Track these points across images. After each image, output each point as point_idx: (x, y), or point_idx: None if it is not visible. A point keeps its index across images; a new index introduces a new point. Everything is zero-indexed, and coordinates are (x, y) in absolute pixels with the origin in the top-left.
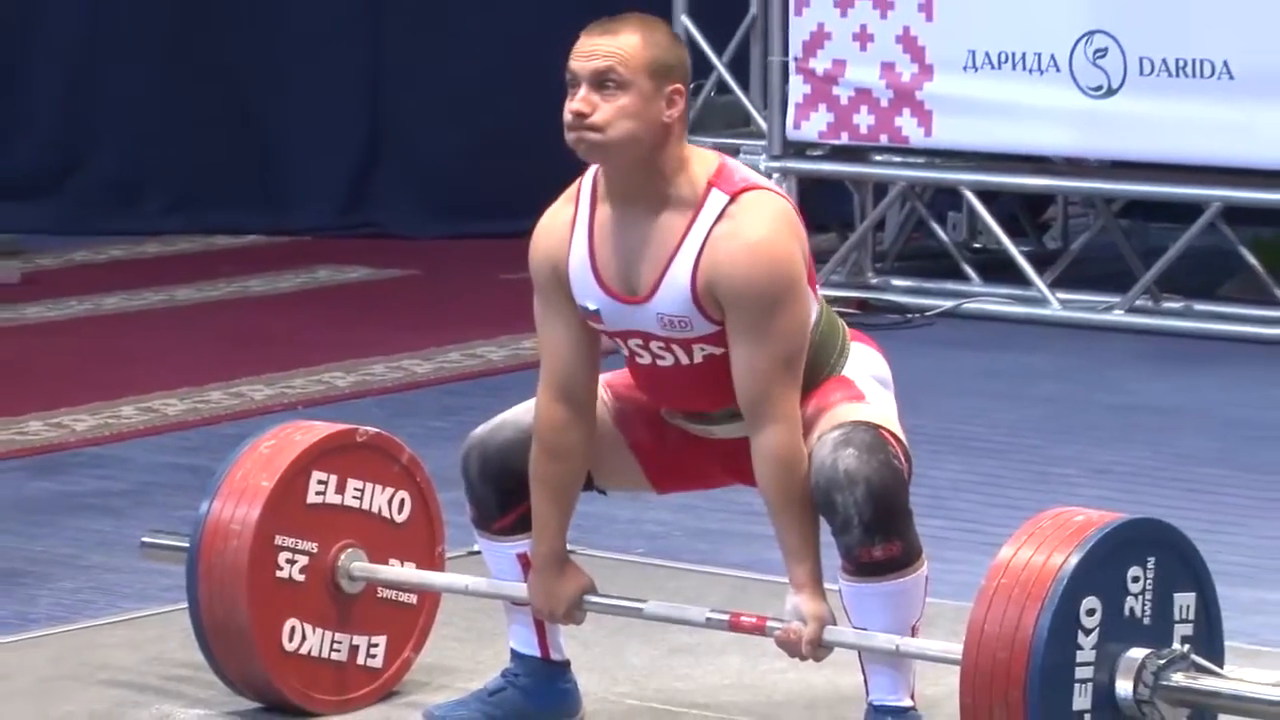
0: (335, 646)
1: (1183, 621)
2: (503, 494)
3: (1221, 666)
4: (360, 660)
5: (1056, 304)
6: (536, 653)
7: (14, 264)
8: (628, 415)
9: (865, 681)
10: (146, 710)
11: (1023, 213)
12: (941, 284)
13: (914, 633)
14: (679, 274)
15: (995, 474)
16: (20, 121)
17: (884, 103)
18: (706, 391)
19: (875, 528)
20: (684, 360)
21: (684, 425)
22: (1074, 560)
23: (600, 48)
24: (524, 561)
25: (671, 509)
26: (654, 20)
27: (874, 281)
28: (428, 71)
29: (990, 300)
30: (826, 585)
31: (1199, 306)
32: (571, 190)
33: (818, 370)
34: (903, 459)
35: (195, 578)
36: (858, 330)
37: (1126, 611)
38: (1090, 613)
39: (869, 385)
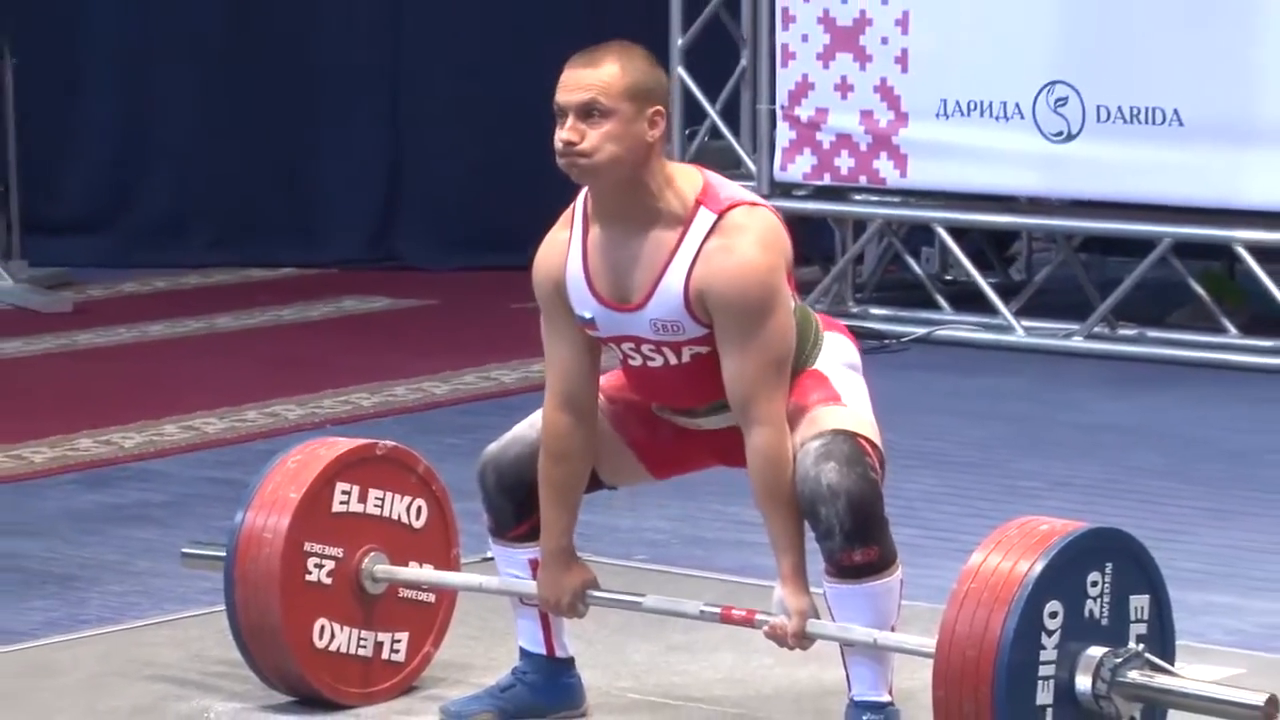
0: (361, 643)
1: (1137, 621)
2: (517, 505)
3: (1173, 664)
4: (385, 655)
5: (1021, 331)
6: (543, 651)
7: (67, 295)
8: (622, 416)
9: (847, 677)
10: (187, 704)
11: (990, 247)
12: (916, 313)
13: (892, 631)
14: (672, 284)
15: (966, 486)
16: (74, 165)
17: (863, 147)
18: (693, 388)
19: (855, 535)
20: (673, 360)
21: (673, 419)
22: (1039, 567)
23: (583, 79)
24: (534, 566)
25: (669, 519)
26: (632, 47)
27: (854, 310)
28: (446, 118)
29: (960, 328)
30: (813, 590)
31: (1152, 333)
32: (566, 215)
33: (795, 361)
34: (878, 466)
35: (232, 582)
36: (828, 316)
37: (1086, 613)
38: (1053, 615)
39: (841, 377)
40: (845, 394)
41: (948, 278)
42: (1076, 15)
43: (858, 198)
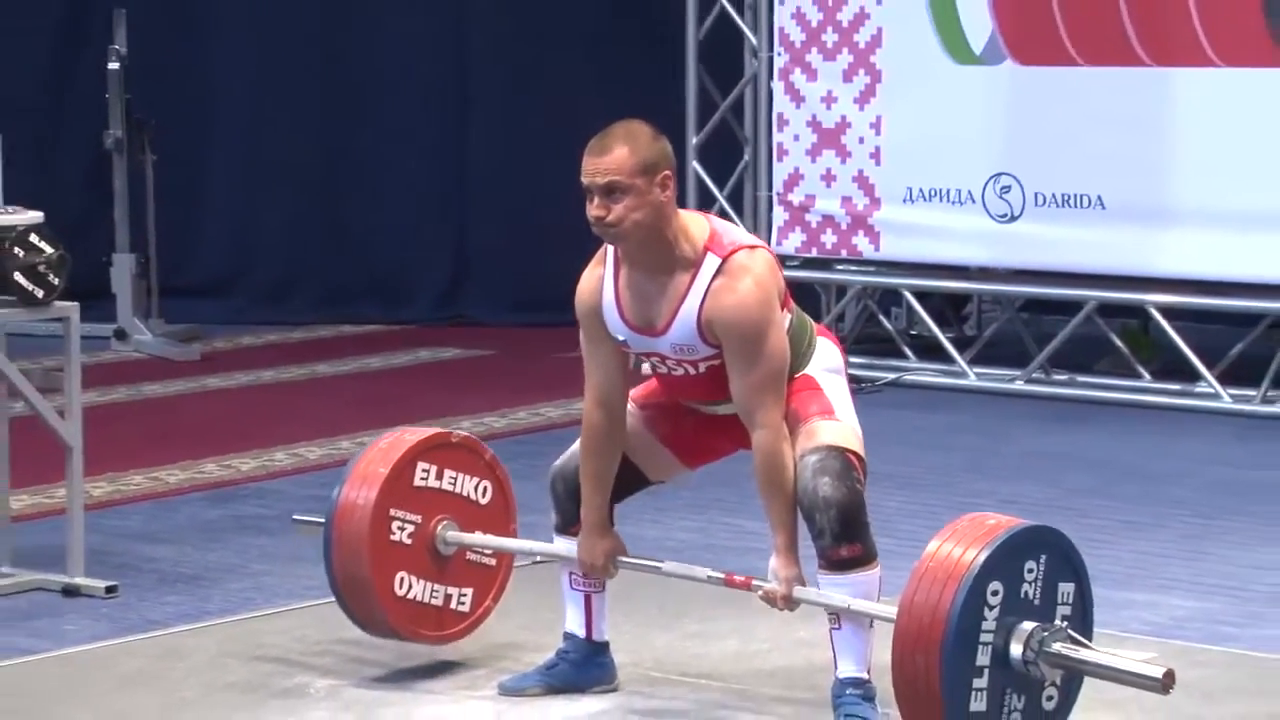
0: (434, 594)
1: (1063, 604)
2: (578, 505)
3: (1090, 639)
4: (453, 605)
5: (973, 376)
6: (584, 634)
7: (196, 346)
8: (652, 418)
9: (834, 658)
10: (292, 680)
11: (948, 308)
12: (887, 361)
13: (872, 619)
14: (687, 315)
15: (930, 503)
16: (202, 242)
17: (844, 226)
18: (710, 389)
19: (842, 535)
20: (692, 372)
21: (696, 408)
22: (984, 554)
23: (600, 165)
24: None
25: (688, 530)
26: (635, 127)
27: None
28: (501, 203)
29: (924, 374)
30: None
31: (1080, 378)
32: (600, 254)
33: (793, 362)
34: (862, 476)
35: (330, 543)
36: (821, 325)
37: (1022, 594)
38: (994, 593)
39: (831, 385)
40: (837, 405)
41: (913, 333)
42: (1017, 120)
43: (840, 267)
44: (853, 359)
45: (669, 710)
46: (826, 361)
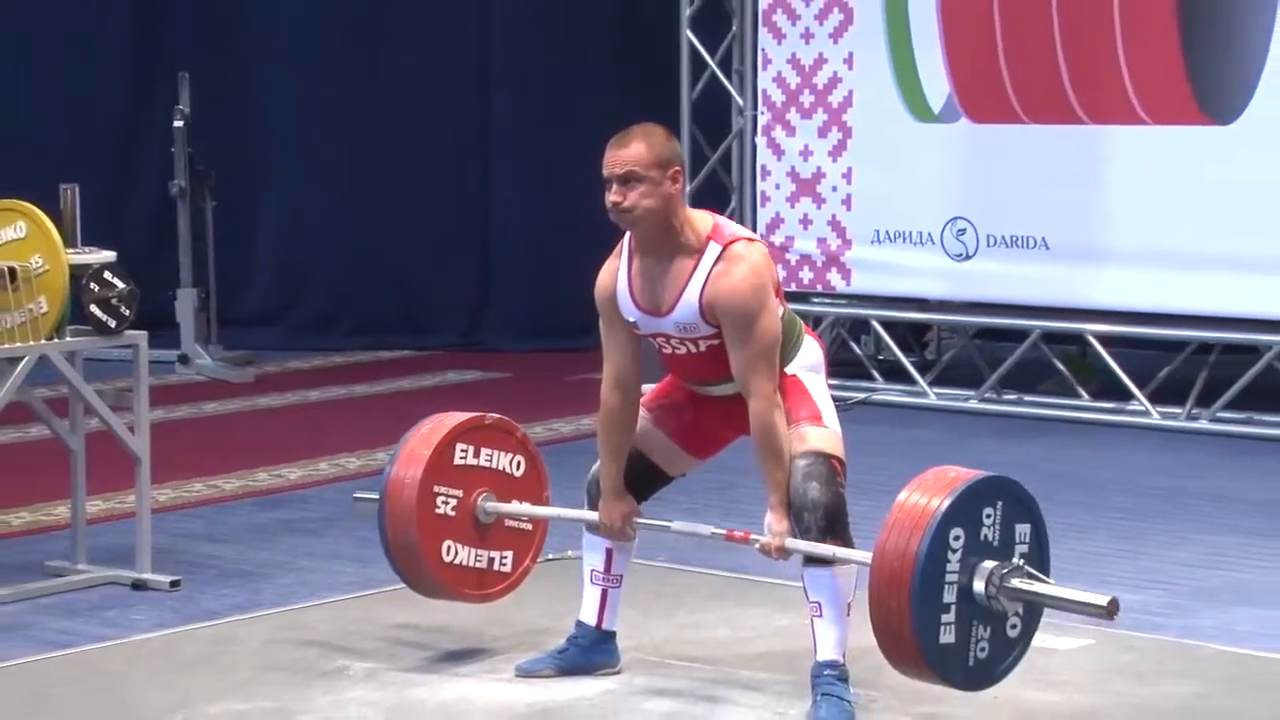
0: (478, 558)
1: (1021, 544)
2: None
3: (1047, 574)
4: (495, 567)
5: (933, 396)
6: (594, 623)
7: (249, 370)
8: (660, 417)
9: (814, 643)
10: (333, 663)
11: (911, 336)
12: (858, 383)
13: (849, 609)
14: (690, 297)
15: None
16: (256, 277)
17: (819, 264)
18: (710, 367)
19: (826, 531)
20: (694, 350)
21: (699, 389)
22: (946, 503)
23: (620, 157)
24: (609, 553)
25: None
26: (652, 128)
27: None
28: (519, 241)
29: (890, 394)
30: (795, 583)
31: (1027, 398)
32: (617, 248)
33: (783, 351)
34: (843, 478)
35: (384, 516)
36: (806, 325)
37: (982, 537)
38: (956, 538)
39: (815, 385)
40: (823, 410)
41: (880, 357)
42: (971, 171)
43: (816, 300)
44: (827, 381)
45: (666, 690)
46: (810, 360)
